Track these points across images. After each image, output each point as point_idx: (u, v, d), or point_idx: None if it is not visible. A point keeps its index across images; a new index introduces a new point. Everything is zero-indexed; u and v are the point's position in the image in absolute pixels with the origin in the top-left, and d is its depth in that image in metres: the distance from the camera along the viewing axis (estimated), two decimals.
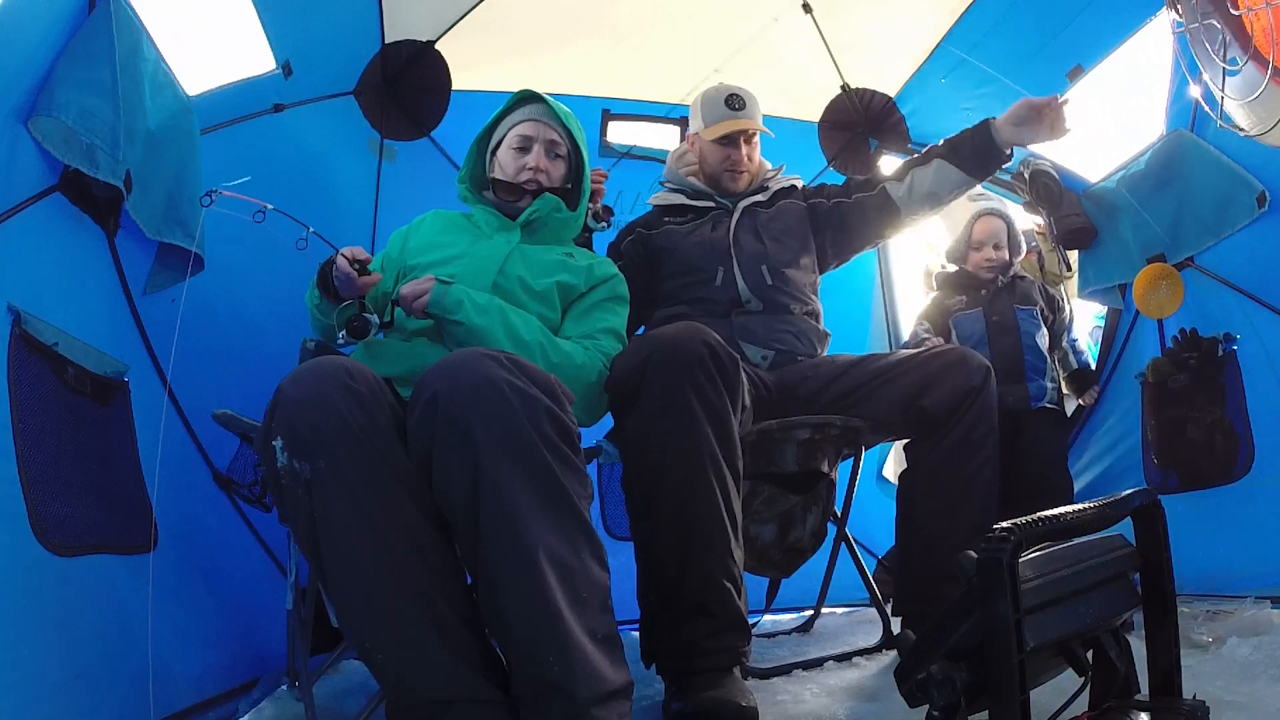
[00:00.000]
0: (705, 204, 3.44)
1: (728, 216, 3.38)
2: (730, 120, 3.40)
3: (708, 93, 3.50)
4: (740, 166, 3.44)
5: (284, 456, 1.81)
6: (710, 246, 3.30)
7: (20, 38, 2.09)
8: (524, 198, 2.76)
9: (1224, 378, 3.34)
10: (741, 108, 3.41)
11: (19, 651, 1.90)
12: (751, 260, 3.26)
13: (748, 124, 3.41)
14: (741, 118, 3.40)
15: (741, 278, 3.23)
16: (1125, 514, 1.71)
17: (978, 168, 3.27)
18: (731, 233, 3.32)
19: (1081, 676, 1.67)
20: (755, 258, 3.27)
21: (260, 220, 2.29)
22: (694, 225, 3.38)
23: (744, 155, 3.44)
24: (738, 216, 3.37)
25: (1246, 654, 2.49)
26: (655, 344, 2.34)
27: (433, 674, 1.82)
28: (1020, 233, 4.10)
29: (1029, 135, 3.15)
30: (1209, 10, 2.60)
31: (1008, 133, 3.15)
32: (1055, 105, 3.06)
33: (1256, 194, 3.14)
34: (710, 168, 3.47)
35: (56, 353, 2.19)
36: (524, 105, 2.86)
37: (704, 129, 3.43)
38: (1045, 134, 3.12)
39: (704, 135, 3.43)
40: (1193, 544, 3.03)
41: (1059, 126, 3.08)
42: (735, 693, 2.26)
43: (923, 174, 3.33)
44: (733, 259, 3.26)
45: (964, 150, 3.25)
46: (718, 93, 3.46)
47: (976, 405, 2.88)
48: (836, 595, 3.71)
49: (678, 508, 2.29)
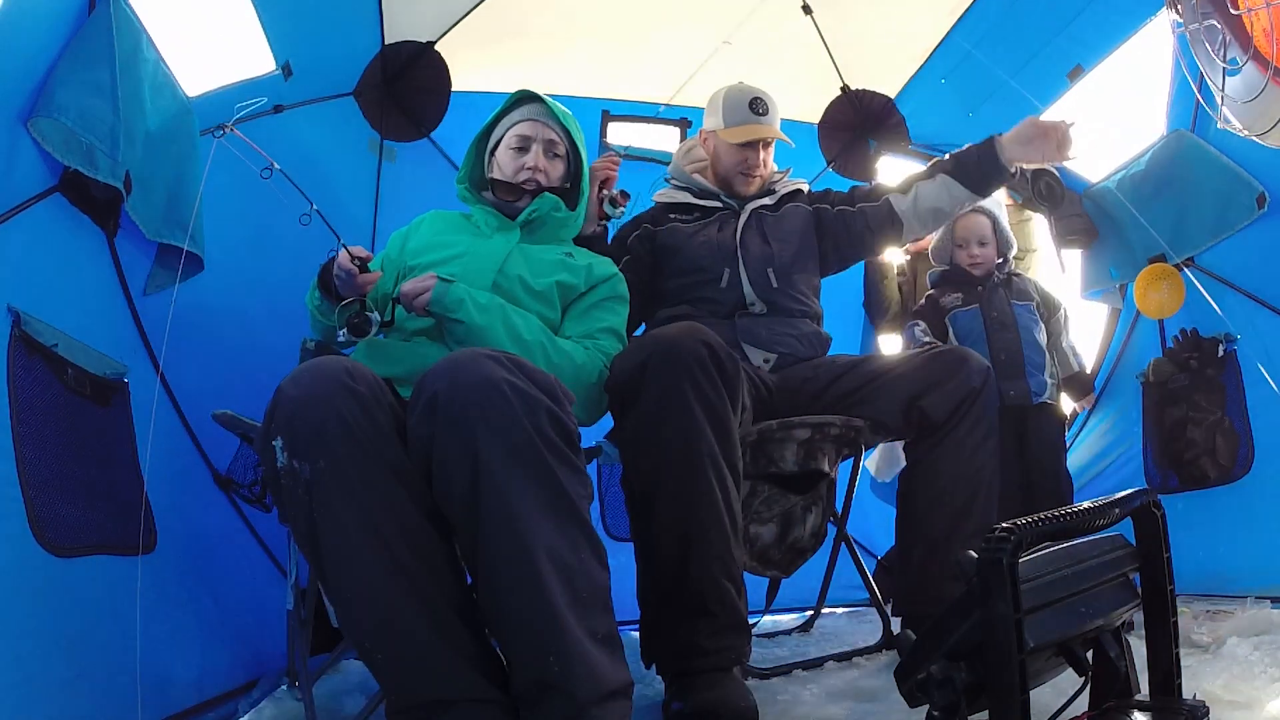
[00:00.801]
0: (712, 204, 3.41)
1: (734, 218, 3.36)
2: (754, 125, 3.36)
3: (730, 92, 3.44)
4: (755, 171, 3.40)
5: (284, 456, 1.81)
6: (716, 247, 3.27)
7: (20, 39, 2.09)
8: (523, 197, 2.75)
9: (1224, 378, 3.35)
10: (765, 113, 3.37)
11: (19, 652, 1.90)
12: (758, 263, 3.25)
13: (770, 131, 3.38)
14: (765, 124, 3.37)
15: (747, 280, 3.22)
16: (1125, 514, 1.70)
17: (982, 185, 3.24)
18: (738, 235, 3.30)
19: (1081, 676, 1.67)
20: (761, 260, 3.26)
21: (267, 177, 2.29)
22: (700, 225, 3.36)
23: (761, 160, 3.40)
24: (745, 219, 3.34)
25: (1246, 654, 2.49)
26: (655, 344, 2.33)
27: (433, 674, 1.82)
28: (1009, 227, 4.07)
29: (1035, 155, 3.11)
30: (1209, 10, 2.60)
31: (1013, 151, 3.12)
32: (1063, 129, 3.04)
33: (1256, 194, 3.15)
34: (724, 168, 3.43)
35: (56, 354, 2.19)
36: (522, 105, 2.85)
37: (724, 129, 3.39)
38: (1052, 155, 3.09)
39: (723, 135, 3.38)
40: (1193, 544, 3.04)
41: (1065, 149, 3.04)
42: (735, 693, 2.26)
43: (927, 188, 3.31)
44: (739, 261, 3.24)
45: (969, 167, 3.22)
46: (741, 94, 3.41)
47: (976, 406, 2.88)
48: (836, 595, 3.71)
49: (677, 508, 2.29)
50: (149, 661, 2.33)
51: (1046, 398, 3.79)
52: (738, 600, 2.36)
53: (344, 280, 2.38)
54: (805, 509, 3.03)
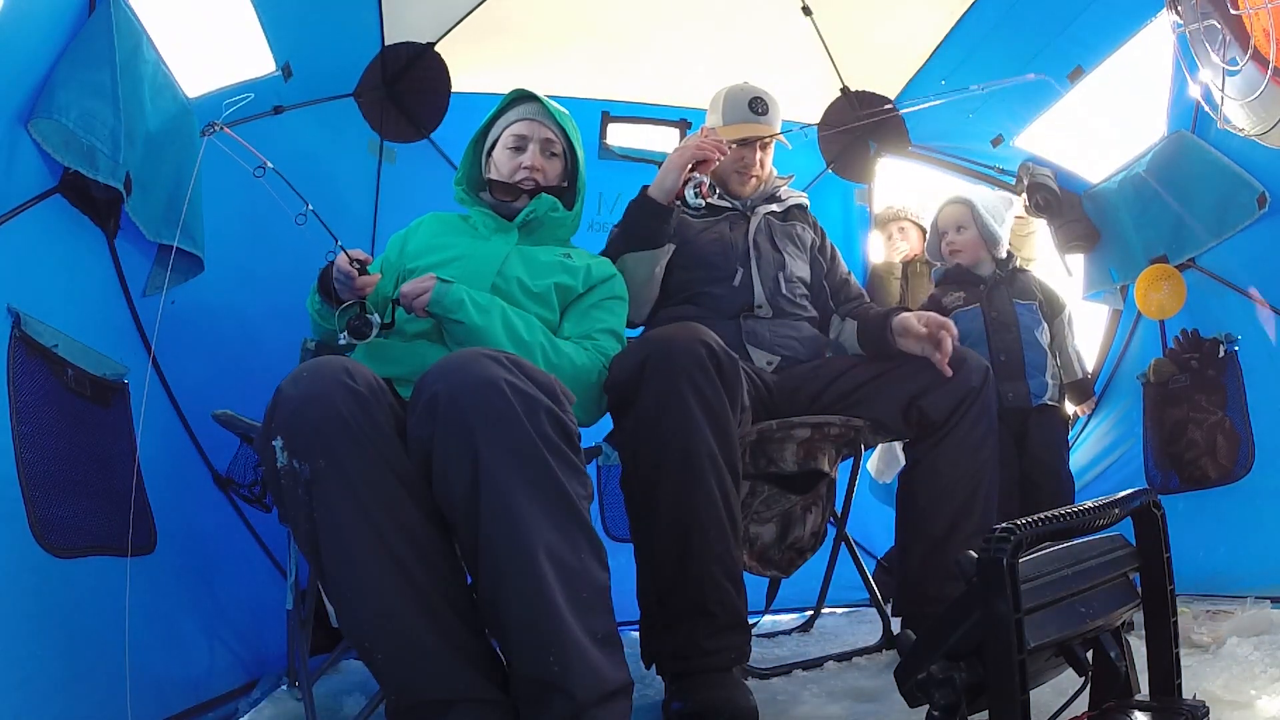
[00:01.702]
0: (721, 203, 3.39)
1: (743, 220, 3.36)
2: (750, 124, 3.37)
3: (731, 90, 3.45)
4: (751, 171, 3.41)
5: (284, 456, 1.81)
6: (730, 246, 3.27)
7: (21, 40, 2.10)
8: (520, 198, 2.77)
9: (1225, 378, 3.34)
10: (764, 112, 3.38)
11: (19, 652, 1.90)
12: (770, 266, 3.26)
13: (763, 130, 3.38)
14: (763, 124, 3.38)
15: (759, 282, 3.22)
16: (1125, 514, 1.70)
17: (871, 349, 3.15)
18: (751, 237, 3.30)
19: (1081, 676, 1.67)
20: (773, 265, 3.27)
21: (260, 176, 2.28)
22: (708, 222, 3.35)
23: (757, 160, 3.41)
24: (756, 223, 3.35)
25: (1246, 654, 2.49)
26: (654, 344, 2.33)
27: (432, 674, 1.82)
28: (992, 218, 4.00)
29: (914, 347, 2.95)
30: (1209, 11, 2.60)
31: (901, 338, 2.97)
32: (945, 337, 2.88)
33: (1257, 195, 3.15)
34: (721, 167, 3.38)
35: (56, 354, 2.19)
36: (518, 105, 2.87)
37: (721, 126, 3.39)
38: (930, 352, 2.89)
39: (721, 133, 3.34)
40: (1193, 544, 3.04)
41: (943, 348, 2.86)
42: (735, 693, 2.26)
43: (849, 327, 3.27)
44: (752, 262, 3.25)
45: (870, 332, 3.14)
46: (742, 93, 3.42)
47: (976, 406, 2.87)
48: (836, 595, 3.70)
49: (677, 508, 2.29)
50: (149, 662, 2.34)
51: (1048, 398, 3.75)
52: (737, 600, 2.36)
53: (343, 283, 2.38)
54: (805, 509, 3.03)
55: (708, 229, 3.32)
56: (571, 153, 2.88)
